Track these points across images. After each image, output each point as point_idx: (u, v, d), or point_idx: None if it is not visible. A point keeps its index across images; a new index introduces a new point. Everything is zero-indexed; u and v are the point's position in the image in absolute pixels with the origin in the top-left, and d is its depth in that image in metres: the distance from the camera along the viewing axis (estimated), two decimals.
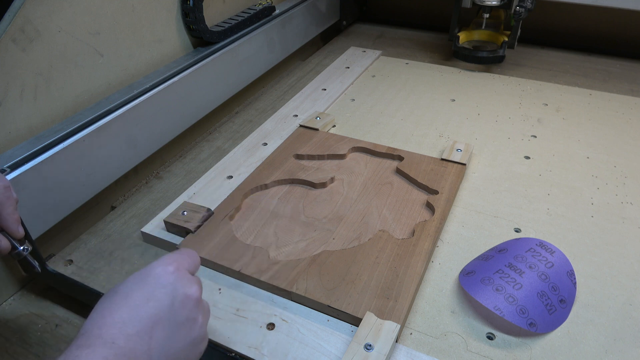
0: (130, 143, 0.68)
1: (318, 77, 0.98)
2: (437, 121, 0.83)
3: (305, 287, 0.51)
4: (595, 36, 1.09)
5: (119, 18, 0.67)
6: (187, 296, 0.34)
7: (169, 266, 0.35)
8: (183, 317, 0.34)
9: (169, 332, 0.33)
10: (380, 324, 0.46)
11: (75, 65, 0.62)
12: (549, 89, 0.92)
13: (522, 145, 0.76)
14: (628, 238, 0.59)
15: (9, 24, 0.53)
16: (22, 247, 0.46)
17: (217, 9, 0.86)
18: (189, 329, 0.34)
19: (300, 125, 0.79)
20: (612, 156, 0.73)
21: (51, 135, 0.58)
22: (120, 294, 0.33)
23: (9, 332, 0.53)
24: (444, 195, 0.63)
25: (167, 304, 0.33)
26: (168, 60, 0.78)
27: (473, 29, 1.04)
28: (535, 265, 0.50)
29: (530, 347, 0.47)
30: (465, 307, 0.51)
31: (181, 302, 0.34)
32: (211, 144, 0.82)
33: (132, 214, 0.67)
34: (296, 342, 0.47)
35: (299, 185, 0.67)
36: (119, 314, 0.32)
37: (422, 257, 0.54)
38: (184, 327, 0.34)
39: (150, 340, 0.31)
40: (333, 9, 1.21)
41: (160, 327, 0.32)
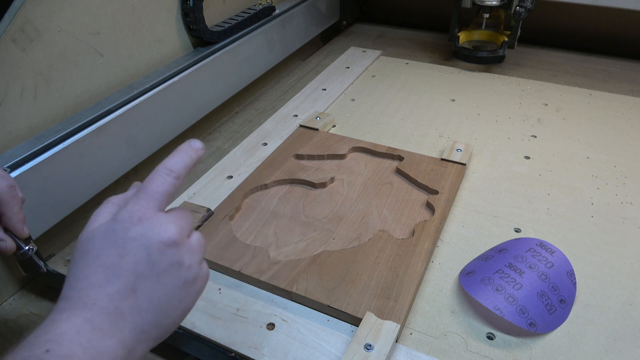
0: (130, 143, 0.68)
1: (318, 77, 0.98)
2: (437, 121, 0.83)
3: (305, 287, 0.51)
4: (595, 36, 1.09)
5: (119, 18, 0.67)
6: (162, 243, 0.31)
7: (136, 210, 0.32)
8: (165, 264, 0.31)
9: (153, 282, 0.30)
10: (380, 324, 0.46)
11: (75, 65, 0.62)
12: (549, 89, 0.92)
13: (522, 145, 0.76)
14: (628, 238, 0.59)
15: (9, 24, 0.53)
16: (28, 247, 0.46)
17: (217, 9, 0.86)
18: (176, 273, 0.31)
19: (300, 125, 0.79)
20: (612, 156, 0.73)
21: (51, 135, 0.58)
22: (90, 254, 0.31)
23: (9, 332, 0.53)
24: (444, 195, 0.63)
25: (144, 256, 0.30)
26: (168, 60, 0.78)
27: (473, 29, 1.04)
28: (535, 265, 0.50)
29: (530, 347, 0.47)
30: (465, 307, 0.51)
31: (158, 250, 0.31)
32: (211, 144, 0.82)
33: None
34: (296, 342, 0.47)
35: (299, 185, 0.67)
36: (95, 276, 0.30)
37: (422, 257, 0.54)
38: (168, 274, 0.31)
39: (134, 294, 0.30)
40: (333, 9, 1.21)
41: (142, 279, 0.30)
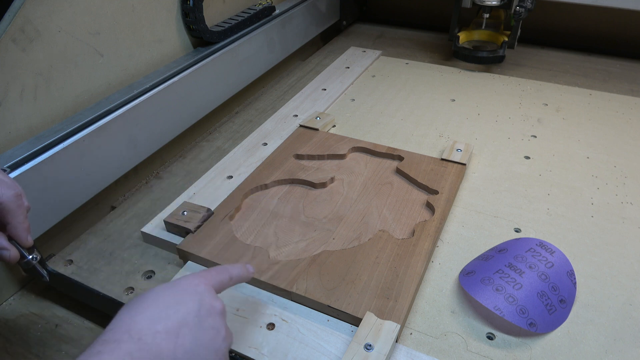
0: (130, 143, 0.68)
1: (318, 77, 0.98)
2: (437, 121, 0.83)
3: (305, 287, 0.51)
4: (595, 36, 1.09)
5: (119, 18, 0.67)
6: (212, 306, 0.35)
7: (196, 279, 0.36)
8: (208, 325, 0.34)
9: (194, 336, 0.33)
10: (380, 324, 0.46)
11: (75, 65, 0.62)
12: (549, 89, 0.92)
13: (522, 145, 0.76)
14: (628, 238, 0.59)
15: (9, 24, 0.53)
16: (31, 255, 0.46)
17: (217, 9, 0.86)
18: (214, 337, 0.35)
19: (300, 125, 0.79)
20: (612, 156, 0.73)
21: (51, 135, 0.58)
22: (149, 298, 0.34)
23: (9, 332, 0.53)
24: (444, 195, 0.63)
25: (195, 309, 0.34)
26: (168, 60, 0.78)
27: (473, 29, 1.04)
28: (535, 265, 0.50)
29: (530, 347, 0.47)
30: (465, 307, 0.51)
31: (207, 310, 0.35)
32: (211, 144, 0.82)
33: (132, 214, 0.67)
34: (296, 342, 0.47)
35: (299, 185, 0.67)
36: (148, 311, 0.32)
37: (422, 257, 0.54)
38: (208, 335, 0.34)
39: (176, 339, 0.32)
40: (333, 9, 1.21)
41: (187, 329, 0.33)
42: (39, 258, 0.47)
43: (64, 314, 0.55)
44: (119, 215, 0.67)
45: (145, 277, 0.57)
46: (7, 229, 0.43)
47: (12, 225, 0.43)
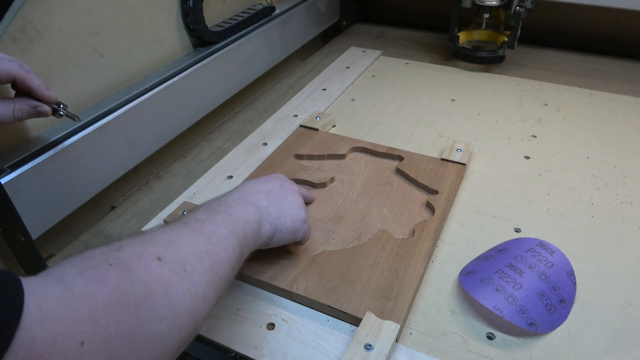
0: (130, 143, 0.68)
1: (318, 77, 0.98)
2: (437, 121, 0.83)
3: (305, 287, 0.51)
4: (595, 36, 1.09)
5: (119, 18, 0.67)
6: (291, 186, 0.52)
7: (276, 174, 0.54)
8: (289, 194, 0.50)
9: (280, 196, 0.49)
10: (380, 324, 0.46)
11: (75, 65, 0.62)
12: (549, 89, 0.92)
13: (522, 145, 0.76)
14: (628, 238, 0.59)
15: (9, 24, 0.53)
16: (61, 106, 0.53)
17: (217, 9, 0.86)
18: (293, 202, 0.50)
19: (300, 125, 0.79)
20: (612, 156, 0.73)
21: (51, 135, 0.58)
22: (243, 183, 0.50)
23: None
24: (444, 195, 0.63)
25: (279, 184, 0.51)
26: (168, 60, 0.78)
27: (473, 29, 1.04)
28: (535, 265, 0.50)
29: (530, 347, 0.47)
30: (465, 307, 0.51)
31: (288, 187, 0.51)
32: (211, 144, 0.82)
33: (132, 214, 0.67)
34: (296, 342, 0.47)
35: (299, 185, 0.67)
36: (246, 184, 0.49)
37: (422, 257, 0.54)
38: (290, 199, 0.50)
39: (268, 196, 0.48)
40: (333, 9, 1.21)
41: (274, 193, 0.49)
42: (67, 107, 0.54)
43: None
44: (119, 215, 0.67)
45: None
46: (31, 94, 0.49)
47: (34, 89, 0.49)
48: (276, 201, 0.48)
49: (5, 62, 0.47)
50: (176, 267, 0.32)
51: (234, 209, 0.42)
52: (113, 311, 0.27)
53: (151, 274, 0.31)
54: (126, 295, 0.28)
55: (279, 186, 0.50)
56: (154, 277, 0.30)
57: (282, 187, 0.50)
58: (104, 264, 0.29)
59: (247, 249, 0.42)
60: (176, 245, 0.34)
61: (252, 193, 0.47)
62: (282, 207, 0.48)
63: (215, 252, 0.36)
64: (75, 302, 0.26)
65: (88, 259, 0.30)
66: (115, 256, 0.30)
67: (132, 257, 0.31)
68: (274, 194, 0.49)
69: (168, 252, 0.33)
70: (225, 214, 0.41)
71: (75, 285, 0.27)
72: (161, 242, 0.34)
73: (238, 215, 0.42)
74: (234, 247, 0.39)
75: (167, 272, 0.31)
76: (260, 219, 0.45)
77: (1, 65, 0.46)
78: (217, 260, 0.36)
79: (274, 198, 0.48)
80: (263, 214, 0.45)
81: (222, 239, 0.38)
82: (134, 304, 0.29)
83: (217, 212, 0.41)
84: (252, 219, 0.43)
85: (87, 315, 0.26)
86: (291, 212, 0.49)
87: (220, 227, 0.39)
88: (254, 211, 0.44)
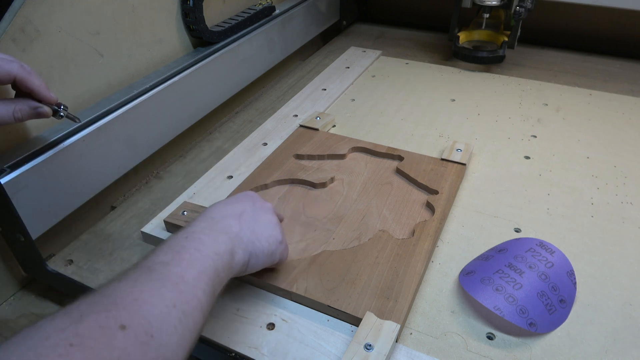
0: (130, 143, 0.68)
1: (318, 77, 0.98)
2: (437, 121, 0.83)
3: (305, 287, 0.51)
4: (595, 36, 1.09)
5: (119, 18, 0.67)
6: (263, 204, 0.49)
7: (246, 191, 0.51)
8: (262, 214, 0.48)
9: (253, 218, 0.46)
10: (380, 324, 0.46)
11: (75, 65, 0.62)
12: (549, 89, 0.92)
13: (522, 145, 0.76)
14: (628, 238, 0.59)
15: (9, 24, 0.53)
16: (61, 107, 0.53)
17: (217, 9, 0.86)
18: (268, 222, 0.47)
19: (300, 125, 0.79)
20: (612, 156, 0.73)
21: (51, 135, 0.58)
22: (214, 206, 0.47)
23: (9, 332, 0.53)
24: (444, 195, 0.63)
25: (250, 204, 0.48)
26: (168, 60, 0.78)
27: (473, 29, 1.04)
28: (535, 265, 0.50)
29: (530, 347, 0.47)
30: (465, 307, 0.51)
31: (260, 206, 0.49)
32: (211, 144, 0.82)
33: (132, 214, 0.67)
34: (296, 342, 0.47)
35: (299, 185, 0.67)
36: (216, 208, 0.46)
37: (422, 257, 0.54)
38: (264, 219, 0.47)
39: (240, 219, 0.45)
40: (333, 9, 1.21)
41: (247, 215, 0.46)
42: (67, 108, 0.54)
43: None
44: (119, 215, 0.67)
45: None
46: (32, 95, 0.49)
47: (34, 90, 0.49)
48: (249, 224, 0.45)
49: (6, 63, 0.47)
50: (141, 334, 0.30)
51: (203, 242, 0.40)
52: None
53: (115, 349, 0.28)
54: None
55: (251, 206, 0.47)
56: (118, 353, 0.28)
57: (253, 206, 0.48)
58: (64, 344, 0.26)
59: (219, 285, 0.39)
60: (140, 305, 0.31)
61: (221, 218, 0.44)
62: (255, 229, 0.45)
63: (184, 301, 0.34)
64: None
65: (46, 339, 0.27)
66: (75, 332, 0.27)
67: (94, 330, 0.28)
68: (246, 215, 0.46)
69: (131, 316, 0.30)
70: (192, 249, 0.38)
71: None
72: (123, 304, 0.31)
73: (207, 248, 0.39)
74: (204, 290, 0.36)
75: (132, 343, 0.29)
76: (233, 247, 0.42)
77: (2, 66, 0.46)
78: (186, 311, 0.33)
79: (246, 221, 0.45)
80: (235, 241, 0.42)
81: (190, 282, 0.35)
82: None
83: (183, 249, 0.38)
84: (222, 249, 0.40)
85: None
86: (266, 234, 0.46)
87: (187, 268, 0.36)
88: (224, 240, 0.41)
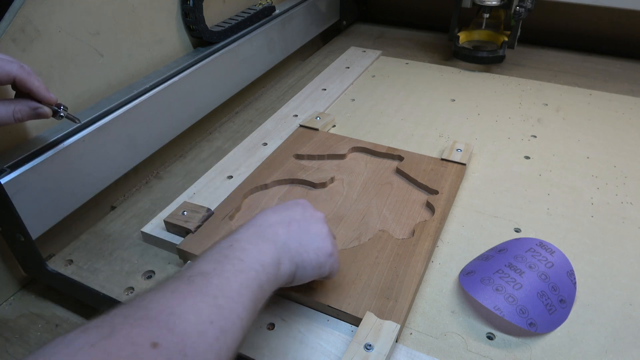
0: (130, 143, 0.68)
1: (318, 77, 0.98)
2: (437, 121, 0.83)
3: (306, 287, 0.51)
4: (595, 36, 1.09)
5: (119, 18, 0.67)
6: (314, 213, 0.47)
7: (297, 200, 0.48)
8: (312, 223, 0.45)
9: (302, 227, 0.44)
10: (380, 324, 0.46)
11: (75, 65, 0.62)
12: (549, 89, 0.92)
13: (522, 145, 0.76)
14: (628, 238, 0.59)
15: (9, 24, 0.53)
16: (61, 107, 0.53)
17: (217, 9, 0.86)
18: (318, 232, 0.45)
19: (300, 125, 0.79)
20: (612, 156, 0.73)
21: (51, 135, 0.58)
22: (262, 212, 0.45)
23: (9, 332, 0.53)
24: (444, 195, 0.63)
25: (300, 212, 0.46)
26: (168, 60, 0.78)
27: (473, 29, 1.04)
28: (535, 265, 0.50)
29: (530, 347, 0.47)
30: (465, 307, 0.51)
31: (311, 214, 0.46)
32: (211, 144, 0.82)
33: (132, 214, 0.67)
34: (296, 342, 0.47)
35: (299, 185, 0.67)
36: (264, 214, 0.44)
37: (422, 257, 0.54)
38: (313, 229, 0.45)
39: (288, 228, 0.43)
40: (333, 9, 1.21)
41: (296, 223, 0.44)
42: (67, 108, 0.54)
43: (64, 314, 0.55)
44: (119, 215, 0.67)
45: (145, 277, 0.57)
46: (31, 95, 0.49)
47: (34, 91, 0.49)
48: (297, 233, 0.43)
49: (6, 63, 0.47)
50: (174, 353, 0.28)
51: (247, 251, 0.38)
52: None
53: None
54: None
55: (300, 215, 0.45)
56: None
57: (304, 215, 0.45)
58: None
59: (262, 299, 0.37)
60: (175, 321, 0.30)
61: (269, 226, 0.42)
62: (303, 240, 0.43)
63: (223, 317, 0.32)
64: None
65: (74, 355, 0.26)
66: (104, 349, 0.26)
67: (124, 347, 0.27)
68: (295, 225, 0.44)
69: (165, 334, 0.29)
70: (236, 260, 0.37)
71: None
72: (158, 319, 0.30)
73: (252, 259, 0.38)
74: (245, 305, 0.34)
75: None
76: (279, 257, 0.40)
77: (1, 67, 0.46)
78: (224, 328, 0.32)
79: (294, 230, 0.43)
80: (282, 251, 0.41)
81: (231, 297, 0.34)
82: None
83: (226, 258, 0.37)
84: (268, 260, 0.39)
85: None
86: (315, 245, 0.44)
87: (229, 280, 0.34)
88: (270, 249, 0.40)
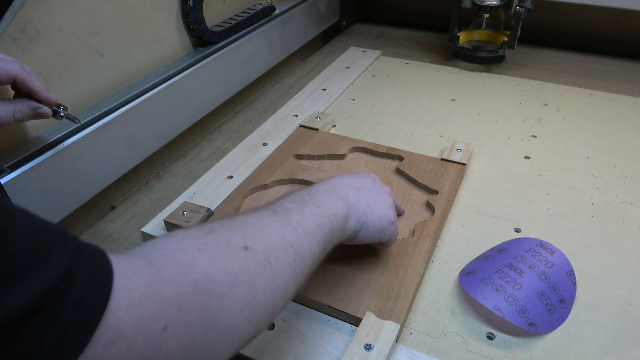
0: (130, 143, 0.68)
1: (318, 77, 0.98)
2: (437, 121, 0.83)
3: (306, 287, 0.51)
4: (595, 36, 1.09)
5: (119, 18, 0.67)
6: (382, 186, 0.51)
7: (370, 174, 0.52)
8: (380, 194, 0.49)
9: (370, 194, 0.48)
10: (380, 324, 0.46)
11: (75, 65, 0.62)
12: (549, 89, 0.92)
13: (522, 145, 0.76)
14: (628, 238, 0.59)
15: (9, 24, 0.53)
16: (61, 107, 0.53)
17: (217, 9, 0.86)
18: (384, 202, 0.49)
19: (300, 125, 0.79)
20: (612, 156, 0.73)
21: (51, 135, 0.59)
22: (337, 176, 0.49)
23: None
24: (444, 195, 0.63)
25: (370, 182, 0.50)
26: (168, 60, 0.78)
27: (473, 29, 1.04)
28: (535, 265, 0.50)
29: (530, 347, 0.47)
30: (465, 307, 0.51)
31: (380, 186, 0.50)
32: (211, 144, 0.82)
33: (132, 214, 0.67)
34: (296, 342, 0.47)
35: (299, 185, 0.67)
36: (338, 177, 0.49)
37: (422, 257, 0.54)
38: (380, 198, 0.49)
39: (358, 192, 0.47)
40: (333, 9, 1.21)
41: (365, 190, 0.48)
42: (67, 108, 0.54)
43: None
44: (119, 215, 0.67)
45: None
46: (32, 95, 0.50)
47: (34, 91, 0.49)
48: (366, 198, 0.47)
49: (6, 63, 0.47)
50: (261, 258, 0.33)
51: (323, 201, 0.42)
52: (197, 298, 0.28)
53: (237, 263, 0.31)
54: (211, 283, 0.29)
55: (371, 184, 0.50)
56: (239, 267, 0.31)
57: (373, 185, 0.50)
58: (193, 249, 0.30)
59: (331, 243, 0.42)
60: (263, 236, 0.34)
61: (342, 186, 0.47)
62: (371, 204, 0.47)
63: (300, 245, 0.36)
64: (162, 286, 0.27)
65: (181, 241, 0.31)
66: (204, 242, 0.31)
67: (221, 243, 0.32)
68: (364, 190, 0.48)
69: (255, 242, 0.33)
70: (313, 205, 0.41)
71: (163, 270, 0.27)
72: (249, 231, 0.34)
73: (326, 208, 0.42)
74: (318, 241, 0.39)
75: (252, 263, 0.32)
76: (348, 213, 0.44)
77: (2, 66, 0.46)
78: (300, 254, 0.36)
79: (364, 194, 0.47)
80: (351, 209, 0.45)
81: (308, 232, 0.38)
82: (217, 293, 0.29)
83: (305, 202, 0.41)
84: (339, 212, 0.43)
85: (173, 301, 0.27)
86: (379, 211, 0.48)
87: (307, 219, 0.39)
88: (341, 205, 0.44)
